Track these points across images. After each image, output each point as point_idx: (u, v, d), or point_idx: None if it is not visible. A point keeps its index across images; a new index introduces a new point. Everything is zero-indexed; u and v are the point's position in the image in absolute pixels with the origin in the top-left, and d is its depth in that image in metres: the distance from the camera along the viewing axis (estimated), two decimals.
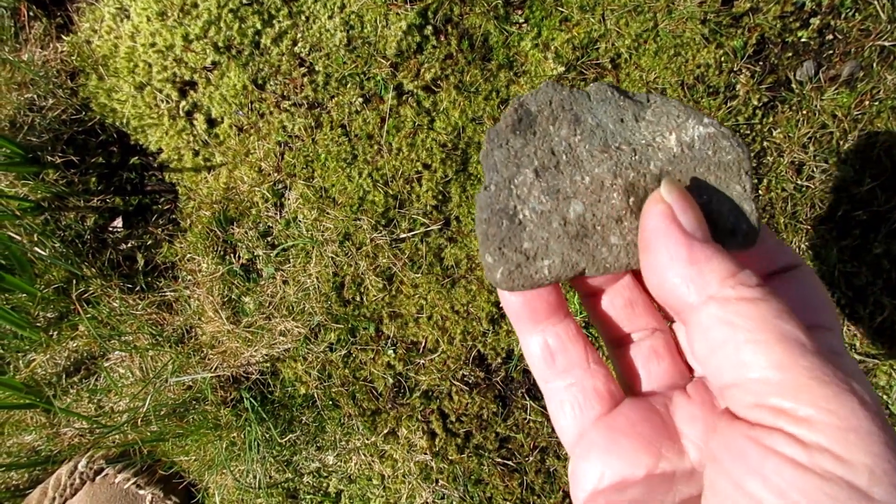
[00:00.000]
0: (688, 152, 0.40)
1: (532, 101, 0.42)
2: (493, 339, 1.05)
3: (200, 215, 1.05)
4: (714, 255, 0.35)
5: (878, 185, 1.02)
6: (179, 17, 0.97)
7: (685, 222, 0.36)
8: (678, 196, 0.37)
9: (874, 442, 0.28)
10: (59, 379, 1.10)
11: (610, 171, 0.41)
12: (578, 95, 0.42)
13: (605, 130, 0.41)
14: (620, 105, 0.42)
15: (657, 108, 0.41)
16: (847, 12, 1.03)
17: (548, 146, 0.41)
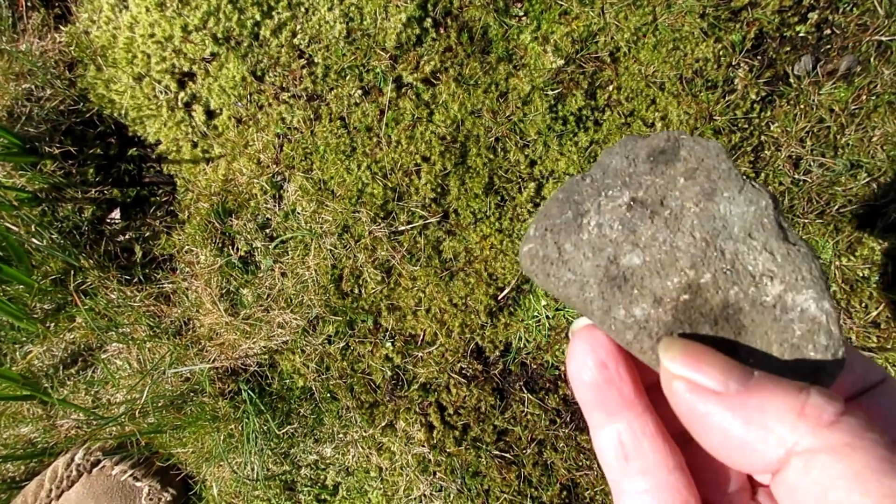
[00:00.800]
0: (778, 314, 0.34)
1: (690, 144, 0.38)
2: (492, 332, 1.06)
3: (199, 207, 1.05)
4: (765, 400, 0.28)
5: (875, 180, 1.03)
6: (178, 8, 0.97)
7: (710, 382, 0.30)
8: (684, 357, 0.32)
9: None
10: (56, 370, 1.10)
11: (690, 259, 0.36)
12: (733, 177, 0.37)
13: (724, 225, 0.36)
14: (764, 223, 0.35)
15: (794, 256, 0.34)
16: (845, 7, 1.03)
17: (663, 192, 0.37)
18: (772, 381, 0.29)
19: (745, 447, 0.28)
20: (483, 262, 1.04)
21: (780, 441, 0.27)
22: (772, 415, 0.27)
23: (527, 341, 1.06)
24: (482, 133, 1.01)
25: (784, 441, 0.27)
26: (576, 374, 0.37)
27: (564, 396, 1.08)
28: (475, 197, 1.02)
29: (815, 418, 0.26)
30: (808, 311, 0.33)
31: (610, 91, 1.03)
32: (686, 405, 0.31)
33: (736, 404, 0.29)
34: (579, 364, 0.37)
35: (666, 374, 0.32)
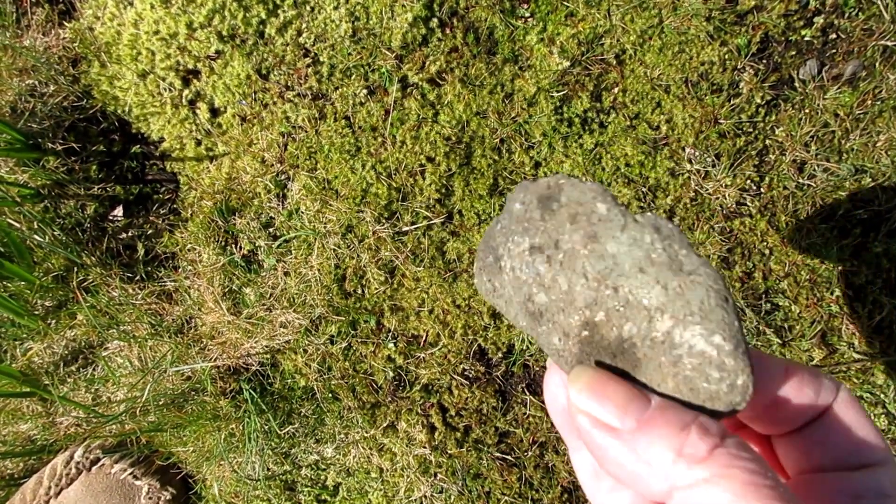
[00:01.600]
0: (667, 350, 0.34)
1: (568, 189, 0.39)
2: (494, 334, 1.05)
3: (202, 205, 1.04)
4: (651, 438, 0.31)
5: (879, 185, 1.03)
6: (184, 5, 0.97)
7: (607, 417, 0.33)
8: (588, 390, 0.34)
9: None
10: (56, 368, 1.09)
11: (585, 299, 0.37)
12: (615, 216, 0.37)
13: (615, 264, 0.36)
14: (653, 257, 0.35)
15: (685, 287, 0.34)
16: (850, 12, 1.03)
17: (556, 236, 0.38)
18: (664, 415, 0.32)
19: (638, 479, 0.31)
20: None
21: (664, 477, 0.30)
22: (655, 454, 0.30)
23: (529, 343, 1.06)
24: (487, 134, 1.01)
25: (667, 477, 0.30)
26: (550, 402, 0.41)
27: None
28: (479, 198, 1.02)
29: (690, 456, 0.29)
30: (696, 346, 0.33)
31: (615, 93, 1.02)
32: (588, 437, 0.33)
33: (629, 441, 0.31)
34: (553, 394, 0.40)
35: (571, 405, 0.34)
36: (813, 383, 0.37)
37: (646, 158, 1.01)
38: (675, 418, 0.32)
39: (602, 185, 0.39)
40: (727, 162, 1.02)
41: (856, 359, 1.08)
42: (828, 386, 0.37)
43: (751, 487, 0.28)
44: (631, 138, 1.01)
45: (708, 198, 1.02)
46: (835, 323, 1.05)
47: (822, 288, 1.05)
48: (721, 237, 1.02)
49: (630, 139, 1.01)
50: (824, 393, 0.37)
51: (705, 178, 1.02)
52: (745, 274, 1.03)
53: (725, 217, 1.03)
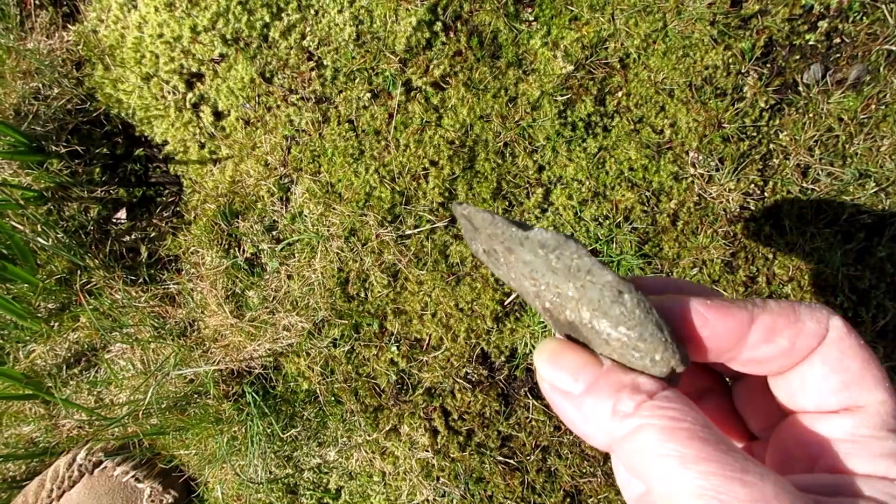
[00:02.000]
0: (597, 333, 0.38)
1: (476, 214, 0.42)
2: (497, 338, 1.05)
3: (205, 208, 1.04)
4: (597, 398, 0.35)
5: (883, 190, 1.03)
6: (188, 8, 0.97)
7: (561, 382, 0.37)
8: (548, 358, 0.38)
9: None
10: (59, 370, 1.09)
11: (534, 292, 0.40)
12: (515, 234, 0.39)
13: (533, 268, 0.39)
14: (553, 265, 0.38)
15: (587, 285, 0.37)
16: (855, 16, 1.03)
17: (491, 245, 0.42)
18: (606, 378, 0.36)
19: (588, 436, 0.36)
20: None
21: (605, 432, 0.35)
22: (597, 413, 0.35)
23: (533, 347, 1.06)
24: (491, 138, 1.01)
25: (607, 432, 0.34)
26: None
27: None
28: (483, 202, 1.02)
29: (621, 412, 0.34)
30: (612, 334, 0.37)
31: (619, 97, 1.02)
32: (549, 400, 0.38)
33: (578, 403, 0.36)
34: None
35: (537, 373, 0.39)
36: (789, 329, 0.37)
37: (649, 162, 1.01)
38: (614, 380, 0.36)
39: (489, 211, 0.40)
40: (731, 166, 1.02)
41: None
42: (811, 330, 0.37)
43: (669, 430, 0.31)
44: (634, 142, 1.00)
45: (712, 202, 1.02)
46: None
47: (826, 292, 1.05)
48: (725, 241, 1.02)
49: (634, 143, 1.01)
50: (804, 338, 0.37)
51: (709, 183, 1.02)
52: (748, 278, 1.02)
53: (729, 221, 1.02)
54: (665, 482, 0.31)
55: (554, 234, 0.38)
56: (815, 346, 0.37)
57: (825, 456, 0.36)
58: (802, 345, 0.37)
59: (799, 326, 0.37)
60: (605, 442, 0.35)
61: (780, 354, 0.37)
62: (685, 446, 0.31)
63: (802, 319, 0.37)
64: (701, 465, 0.30)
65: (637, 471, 0.33)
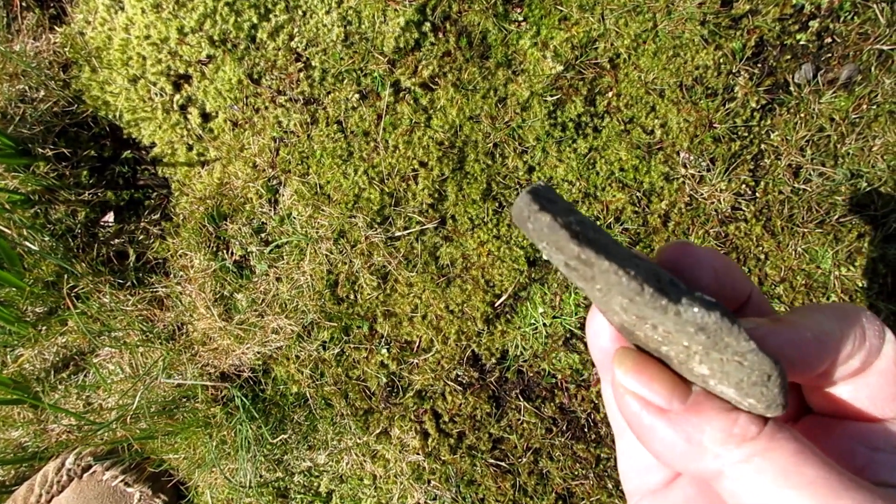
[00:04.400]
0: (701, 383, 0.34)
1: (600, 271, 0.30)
2: (488, 340, 1.05)
3: (193, 211, 1.03)
4: (702, 420, 0.33)
5: (875, 190, 1.02)
6: (175, 10, 0.96)
7: (656, 399, 0.34)
8: (635, 372, 0.35)
9: None
10: (47, 374, 1.08)
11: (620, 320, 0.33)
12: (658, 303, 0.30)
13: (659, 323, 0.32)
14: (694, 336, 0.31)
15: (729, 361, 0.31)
16: (846, 16, 1.03)
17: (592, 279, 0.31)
18: (708, 400, 0.33)
19: (687, 458, 0.33)
20: (480, 269, 1.03)
21: (716, 456, 0.32)
22: (708, 434, 0.32)
23: (523, 349, 1.05)
24: (480, 139, 1.00)
25: (719, 456, 0.32)
26: (593, 337, 0.40)
27: (560, 405, 1.07)
28: (473, 203, 1.01)
29: (741, 436, 0.31)
30: (733, 398, 0.32)
31: (609, 97, 1.02)
32: (635, 417, 0.34)
33: (678, 422, 0.33)
34: (595, 331, 0.40)
35: (618, 386, 0.35)
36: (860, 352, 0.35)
37: (640, 163, 1.00)
38: (720, 404, 0.33)
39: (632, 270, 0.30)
40: (722, 166, 1.01)
41: None
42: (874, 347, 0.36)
43: (801, 457, 0.30)
44: (625, 143, 1.00)
45: (703, 202, 1.02)
46: None
47: (818, 293, 1.04)
48: (716, 242, 1.02)
49: (624, 143, 1.00)
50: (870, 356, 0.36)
51: (700, 183, 1.02)
52: None
53: (721, 222, 1.02)
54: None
55: (716, 316, 0.30)
56: (874, 360, 0.36)
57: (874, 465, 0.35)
58: (868, 361, 0.36)
59: (866, 345, 0.36)
60: (713, 467, 0.32)
61: (849, 373, 0.36)
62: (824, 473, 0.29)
63: (868, 337, 0.36)
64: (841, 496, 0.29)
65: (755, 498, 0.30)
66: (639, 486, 0.42)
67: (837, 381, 0.36)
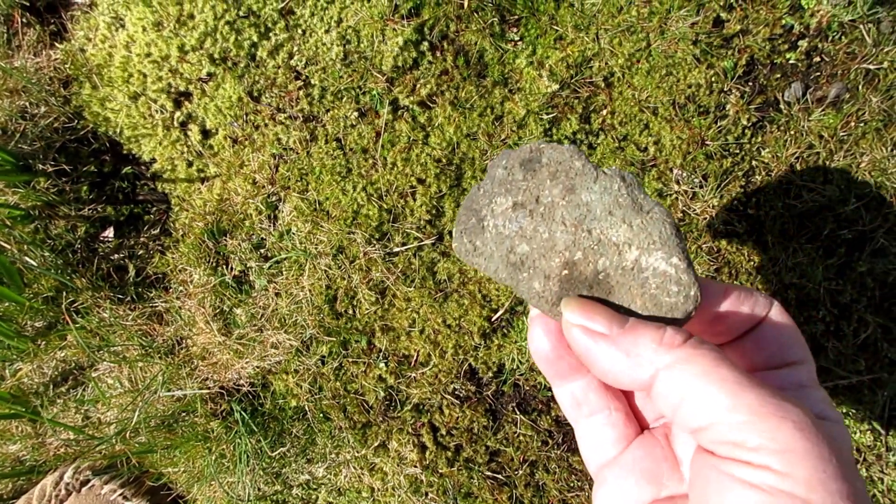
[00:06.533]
0: (636, 275, 0.45)
1: (548, 151, 0.49)
2: (485, 354, 1.06)
3: (193, 226, 1.04)
4: (636, 337, 0.42)
5: (863, 205, 1.05)
6: (175, 28, 0.97)
7: (598, 327, 0.43)
8: (580, 310, 0.44)
9: (809, 457, 0.34)
10: (46, 388, 1.09)
11: (565, 243, 0.47)
12: (588, 171, 0.47)
13: (588, 210, 0.47)
14: (618, 201, 0.46)
15: (647, 223, 0.46)
16: (834, 35, 1.05)
17: (536, 192, 0.48)
18: (641, 323, 0.42)
19: (627, 372, 0.42)
20: (477, 284, 1.04)
21: (650, 363, 0.40)
22: (642, 346, 0.41)
23: (520, 363, 1.07)
24: (477, 156, 1.02)
25: (652, 363, 0.40)
26: (536, 351, 0.51)
27: (557, 418, 1.08)
28: None
29: (669, 343, 0.40)
30: (659, 267, 0.44)
31: (604, 115, 1.04)
32: (582, 345, 0.43)
33: (618, 341, 0.42)
34: (536, 343, 0.50)
35: (566, 324, 0.44)
36: (748, 300, 0.47)
37: None
38: (651, 324, 0.42)
39: (575, 146, 0.48)
40: (714, 183, 1.03)
41: (841, 376, 1.09)
42: (762, 302, 0.47)
43: (719, 360, 0.38)
44: (619, 160, 1.02)
45: (696, 218, 1.03)
46: (821, 341, 1.07)
47: (809, 307, 1.06)
48: (709, 257, 1.04)
49: (619, 160, 1.02)
50: (758, 307, 0.47)
51: (693, 199, 1.04)
52: None
53: (713, 237, 1.04)
54: (715, 403, 0.37)
55: (628, 172, 0.47)
56: (765, 313, 0.47)
57: None
58: (758, 311, 0.47)
59: (754, 297, 0.47)
60: (647, 373, 0.41)
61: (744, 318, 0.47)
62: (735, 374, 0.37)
63: (755, 295, 0.47)
64: (748, 390, 0.36)
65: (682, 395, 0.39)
66: (597, 460, 0.50)
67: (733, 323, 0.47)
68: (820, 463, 0.34)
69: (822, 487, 0.34)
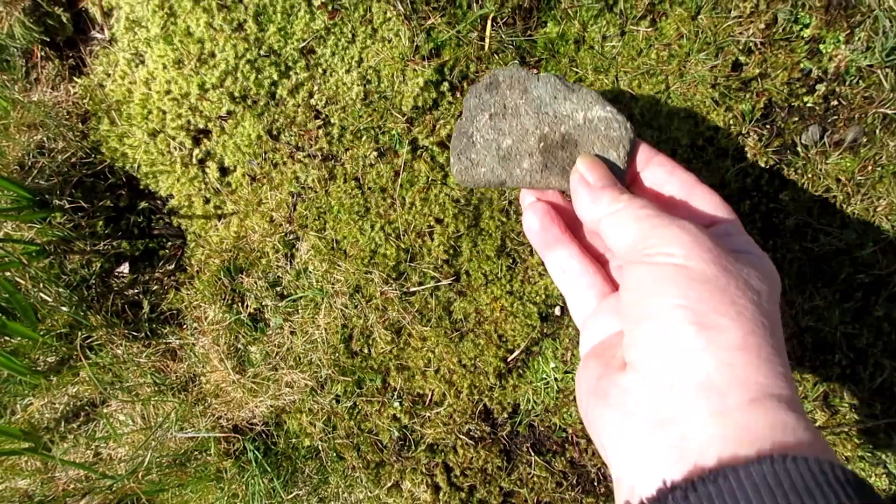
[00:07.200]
0: (588, 125, 0.66)
1: (501, 73, 0.69)
2: (500, 394, 1.05)
3: (209, 263, 1.04)
4: (603, 192, 0.60)
5: (880, 250, 1.05)
6: (196, 66, 0.97)
7: (591, 178, 0.62)
8: (587, 163, 0.63)
9: (693, 246, 0.51)
10: (57, 424, 1.08)
11: (534, 124, 0.67)
12: (531, 76, 0.68)
13: (541, 100, 0.67)
14: (557, 88, 0.67)
15: (580, 95, 0.67)
16: (851, 80, 1.05)
17: (503, 102, 0.68)
18: (611, 186, 0.61)
19: (590, 208, 0.61)
20: (493, 324, 1.04)
21: (607, 204, 0.59)
22: (603, 197, 0.60)
23: (535, 403, 1.06)
24: (495, 196, 1.02)
25: (604, 208, 0.59)
26: (528, 228, 0.69)
27: (571, 459, 1.07)
28: (487, 259, 1.02)
29: (617, 197, 0.59)
30: (601, 115, 0.66)
31: None
32: (574, 183, 0.63)
33: (592, 188, 0.61)
34: (529, 222, 0.69)
35: (575, 166, 0.64)
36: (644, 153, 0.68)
37: None
38: (613, 187, 0.61)
39: (516, 63, 0.74)
40: None
41: (857, 420, 1.08)
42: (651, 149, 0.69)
43: (643, 208, 0.56)
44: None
45: None
46: (837, 385, 1.06)
47: (825, 350, 1.06)
48: None
49: None
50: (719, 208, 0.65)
51: None
52: None
53: None
54: (646, 231, 0.54)
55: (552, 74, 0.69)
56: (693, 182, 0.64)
57: None
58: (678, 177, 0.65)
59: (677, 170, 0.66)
60: (601, 212, 0.59)
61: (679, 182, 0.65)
62: (655, 212, 0.55)
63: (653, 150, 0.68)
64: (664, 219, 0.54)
65: (624, 230, 0.56)
66: (582, 314, 0.66)
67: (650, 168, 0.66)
68: (701, 249, 0.51)
69: (697, 256, 0.50)
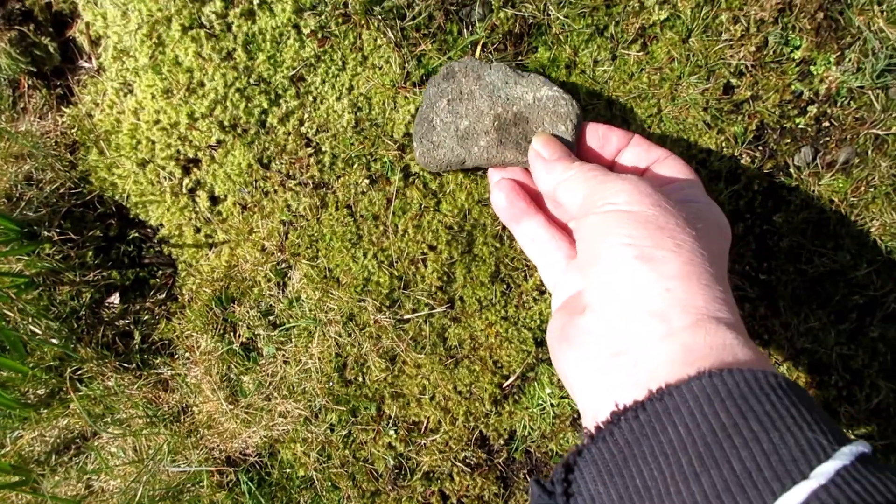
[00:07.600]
0: (538, 104, 0.75)
1: (456, 64, 0.78)
2: (496, 420, 1.05)
3: (200, 293, 1.03)
4: (556, 163, 0.70)
5: (874, 271, 1.04)
6: (185, 96, 0.96)
7: (545, 154, 0.71)
8: (542, 140, 0.73)
9: (634, 192, 0.59)
10: (47, 457, 1.06)
11: (489, 106, 0.76)
12: (485, 64, 0.77)
13: (494, 85, 0.76)
14: (508, 74, 0.76)
15: (529, 80, 0.76)
16: (843, 101, 1.05)
17: (459, 88, 0.77)
18: (564, 157, 0.71)
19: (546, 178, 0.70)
20: (488, 350, 1.03)
21: (560, 173, 0.69)
22: (557, 168, 0.70)
23: (531, 429, 1.05)
24: (489, 222, 1.01)
25: (558, 176, 0.69)
26: (495, 203, 0.80)
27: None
28: (481, 285, 1.02)
29: (568, 166, 0.69)
30: (549, 94, 0.75)
31: None
32: (531, 157, 0.73)
33: (548, 161, 0.71)
34: (496, 198, 0.79)
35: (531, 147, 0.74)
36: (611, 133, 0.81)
37: None
38: (565, 158, 0.71)
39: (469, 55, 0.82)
40: None
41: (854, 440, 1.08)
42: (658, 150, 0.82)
43: (593, 172, 0.66)
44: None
45: None
46: (834, 406, 1.06)
47: (822, 371, 1.06)
48: None
49: None
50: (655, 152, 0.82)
51: None
52: None
53: None
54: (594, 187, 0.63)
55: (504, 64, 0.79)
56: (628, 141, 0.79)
57: None
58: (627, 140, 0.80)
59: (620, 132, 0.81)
60: (556, 180, 0.69)
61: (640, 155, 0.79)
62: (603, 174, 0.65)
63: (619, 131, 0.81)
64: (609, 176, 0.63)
65: (576, 191, 0.65)
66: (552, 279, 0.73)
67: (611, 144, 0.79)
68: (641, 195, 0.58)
69: (637, 201, 0.57)
